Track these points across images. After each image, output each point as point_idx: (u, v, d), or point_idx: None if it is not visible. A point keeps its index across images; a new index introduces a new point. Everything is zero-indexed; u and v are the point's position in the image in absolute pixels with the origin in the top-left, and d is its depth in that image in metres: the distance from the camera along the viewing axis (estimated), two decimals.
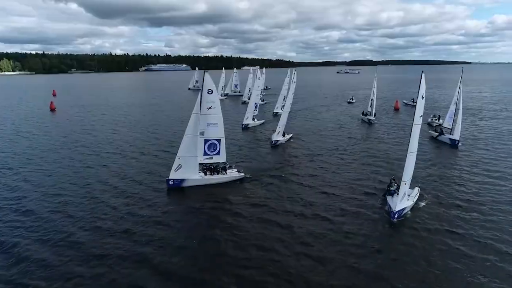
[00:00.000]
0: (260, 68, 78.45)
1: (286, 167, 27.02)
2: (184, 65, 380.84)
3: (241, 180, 23.56)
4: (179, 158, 22.15)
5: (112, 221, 17.59)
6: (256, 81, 48.78)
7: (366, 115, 48.05)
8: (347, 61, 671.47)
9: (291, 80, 36.67)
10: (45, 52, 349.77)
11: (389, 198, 18.94)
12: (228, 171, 23.75)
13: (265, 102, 67.85)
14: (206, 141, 23.21)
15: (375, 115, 47.07)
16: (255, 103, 45.51)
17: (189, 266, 13.94)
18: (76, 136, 39.25)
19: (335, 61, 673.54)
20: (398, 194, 18.09)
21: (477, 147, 32.22)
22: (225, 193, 21.63)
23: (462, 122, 33.36)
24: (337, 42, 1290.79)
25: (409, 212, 18.31)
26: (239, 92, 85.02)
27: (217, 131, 23.38)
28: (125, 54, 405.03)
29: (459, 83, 33.56)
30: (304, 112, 57.43)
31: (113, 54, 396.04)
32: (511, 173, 24.48)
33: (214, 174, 23.39)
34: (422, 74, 16.85)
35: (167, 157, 28.44)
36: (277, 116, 46.17)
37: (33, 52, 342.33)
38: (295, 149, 32.69)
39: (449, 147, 32.60)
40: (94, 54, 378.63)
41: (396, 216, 17.07)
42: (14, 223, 17.45)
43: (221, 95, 79.79)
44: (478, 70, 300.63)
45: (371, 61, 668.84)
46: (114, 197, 20.85)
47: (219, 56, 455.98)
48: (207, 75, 22.55)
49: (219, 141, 23.52)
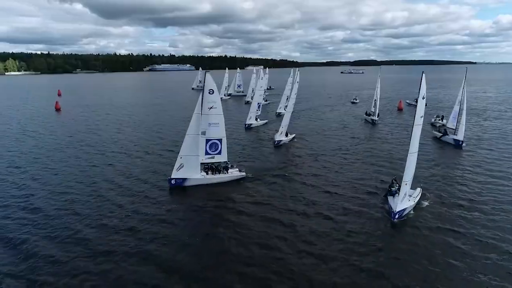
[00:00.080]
0: (264, 68, 78.86)
1: (288, 166, 27.21)
2: (188, 65, 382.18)
3: (243, 179, 23.78)
4: (181, 157, 22.42)
5: (117, 219, 17.91)
6: (259, 81, 49.00)
7: (369, 115, 48.08)
8: (351, 61, 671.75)
9: (294, 80, 36.82)
10: (50, 52, 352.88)
11: (390, 198, 19.03)
12: (229, 170, 23.97)
13: (268, 102, 68.02)
14: (207, 140, 23.44)
15: (378, 115, 47.07)
16: (258, 103, 45.69)
17: (193, 263, 14.19)
18: (81, 135, 39.70)
19: (339, 61, 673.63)
20: (399, 194, 18.19)
21: (481, 147, 32.16)
22: (228, 192, 21.87)
23: (466, 122, 33.24)
24: (341, 42, 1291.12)
25: (411, 211, 18.41)
26: (243, 92, 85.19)
27: (219, 131, 23.61)
28: (129, 54, 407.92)
29: (463, 83, 33.54)
30: (307, 112, 57.54)
31: (118, 54, 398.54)
32: None
33: (215, 173, 23.62)
34: (422, 74, 16.94)
35: (171, 156, 28.70)
36: (280, 116, 46.38)
37: (38, 52, 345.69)
38: (298, 149, 32.85)
39: (453, 147, 32.54)
40: (98, 54, 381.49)
41: (396, 216, 17.18)
42: (22, 220, 17.82)
43: (225, 95, 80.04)
44: (483, 70, 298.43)
45: (375, 61, 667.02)
46: (119, 196, 21.18)
47: (223, 56, 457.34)
48: (208, 75, 22.78)
49: (220, 140, 23.76)
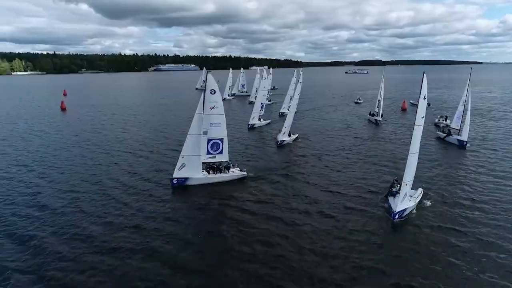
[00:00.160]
0: (268, 68, 79.04)
1: (291, 166, 27.40)
2: (192, 65, 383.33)
3: (245, 178, 24.04)
4: (183, 157, 22.70)
5: (123, 217, 18.24)
6: (262, 81, 49.14)
7: (373, 115, 48.10)
8: (356, 61, 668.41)
9: (297, 80, 36.97)
10: (56, 52, 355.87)
11: (391, 198, 19.09)
12: (230, 170, 24.23)
13: (272, 102, 68.20)
14: (209, 140, 23.67)
15: (382, 116, 47.08)
16: (261, 103, 45.85)
17: (197, 260, 14.46)
18: (87, 135, 40.20)
19: (343, 61, 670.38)
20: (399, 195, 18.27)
21: (485, 147, 32.11)
22: (230, 190, 22.14)
23: (470, 122, 33.20)
24: (346, 42, 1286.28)
25: (414, 211, 18.53)
26: (246, 92, 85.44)
27: (220, 131, 23.83)
28: (134, 54, 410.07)
29: (468, 84, 33.45)
30: (311, 112, 57.67)
31: (123, 54, 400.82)
32: None
33: (217, 173, 23.88)
34: (423, 74, 16.99)
35: (175, 155, 28.85)
36: (283, 116, 46.51)
37: (44, 52, 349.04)
38: (301, 149, 33.03)
39: (456, 148, 32.52)
40: (104, 54, 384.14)
41: (397, 216, 17.23)
42: (30, 217, 18.22)
43: (228, 95, 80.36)
44: (489, 70, 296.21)
45: (380, 61, 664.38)
46: (124, 194, 21.54)
47: (228, 56, 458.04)
48: (210, 76, 23.02)
49: (221, 140, 23.99)
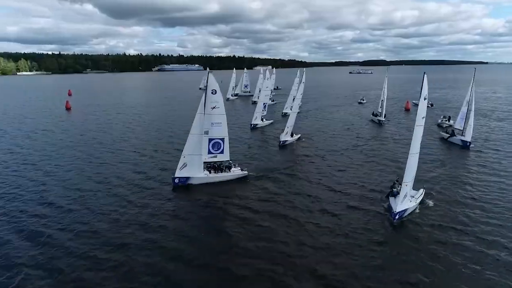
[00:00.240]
0: (272, 68, 79.26)
1: (293, 166, 27.64)
2: (196, 65, 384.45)
3: (248, 177, 24.31)
4: (185, 156, 23.00)
5: (128, 214, 18.60)
6: (264, 82, 49.32)
7: (376, 115, 48.18)
8: (360, 61, 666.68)
9: (300, 80, 37.18)
10: (61, 52, 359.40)
11: (391, 199, 19.17)
12: (232, 169, 24.51)
13: (275, 102, 68.42)
14: (210, 140, 23.91)
15: (385, 116, 47.14)
16: (264, 104, 46.04)
17: (201, 255, 14.75)
18: (92, 134, 40.70)
19: (348, 61, 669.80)
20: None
21: (488, 148, 32.12)
22: (233, 189, 22.43)
23: (474, 123, 33.17)
24: (351, 42, 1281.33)
25: (417, 210, 18.69)
26: (249, 92, 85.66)
27: (221, 130, 24.07)
28: (138, 54, 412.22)
29: (471, 84, 33.46)
30: (314, 112, 57.84)
31: (127, 54, 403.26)
32: None
33: (218, 172, 24.17)
34: (424, 75, 17.09)
35: (179, 155, 29.01)
36: (286, 116, 46.70)
37: (50, 52, 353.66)
38: (303, 149, 33.23)
39: (460, 148, 32.56)
40: (108, 54, 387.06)
41: (396, 217, 17.29)
42: (38, 214, 18.63)
43: (232, 95, 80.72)
44: (494, 70, 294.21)
45: (385, 61, 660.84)
46: (130, 192, 21.91)
47: (232, 56, 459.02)
48: (211, 76, 23.28)
49: (223, 140, 24.23)
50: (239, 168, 24.89)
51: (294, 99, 42.25)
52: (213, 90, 23.29)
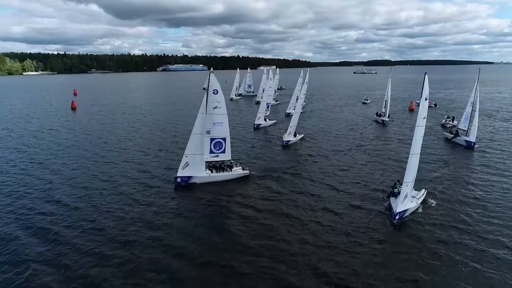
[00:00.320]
0: (276, 68, 79.41)
1: (296, 165, 27.79)
2: (201, 65, 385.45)
3: (251, 177, 24.50)
4: (187, 156, 23.24)
5: (133, 212, 18.90)
6: (268, 82, 49.46)
7: (380, 116, 48.17)
8: (365, 61, 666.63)
9: (303, 80, 37.30)
10: (66, 52, 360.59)
11: (392, 199, 19.23)
12: (233, 168, 24.72)
13: (278, 102, 68.59)
14: (212, 139, 24.15)
15: (389, 116, 47.14)
16: (267, 104, 46.15)
17: (205, 253, 14.99)
18: (97, 133, 41.14)
19: (352, 61, 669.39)
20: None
21: (493, 148, 32.04)
22: (236, 188, 22.66)
23: (478, 123, 33.08)
24: (355, 42, 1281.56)
25: (420, 210, 18.78)
26: (253, 92, 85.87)
27: (223, 130, 24.29)
28: (143, 54, 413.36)
29: (476, 84, 33.39)
30: (318, 112, 57.91)
31: (132, 54, 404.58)
32: None
33: (219, 171, 24.38)
34: (425, 75, 17.15)
35: (183, 154, 29.67)
36: (289, 116, 46.77)
37: (55, 52, 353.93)
38: (307, 149, 33.37)
39: (464, 148, 32.50)
40: (113, 54, 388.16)
41: (397, 217, 17.35)
42: (45, 212, 19.00)
43: (235, 95, 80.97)
44: (500, 70, 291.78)
45: (389, 61, 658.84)
46: (134, 190, 22.22)
47: (236, 56, 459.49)
48: (213, 76, 23.48)
49: (224, 139, 24.45)
50: (241, 167, 25.11)
51: (297, 99, 42.41)
52: (214, 90, 23.50)
